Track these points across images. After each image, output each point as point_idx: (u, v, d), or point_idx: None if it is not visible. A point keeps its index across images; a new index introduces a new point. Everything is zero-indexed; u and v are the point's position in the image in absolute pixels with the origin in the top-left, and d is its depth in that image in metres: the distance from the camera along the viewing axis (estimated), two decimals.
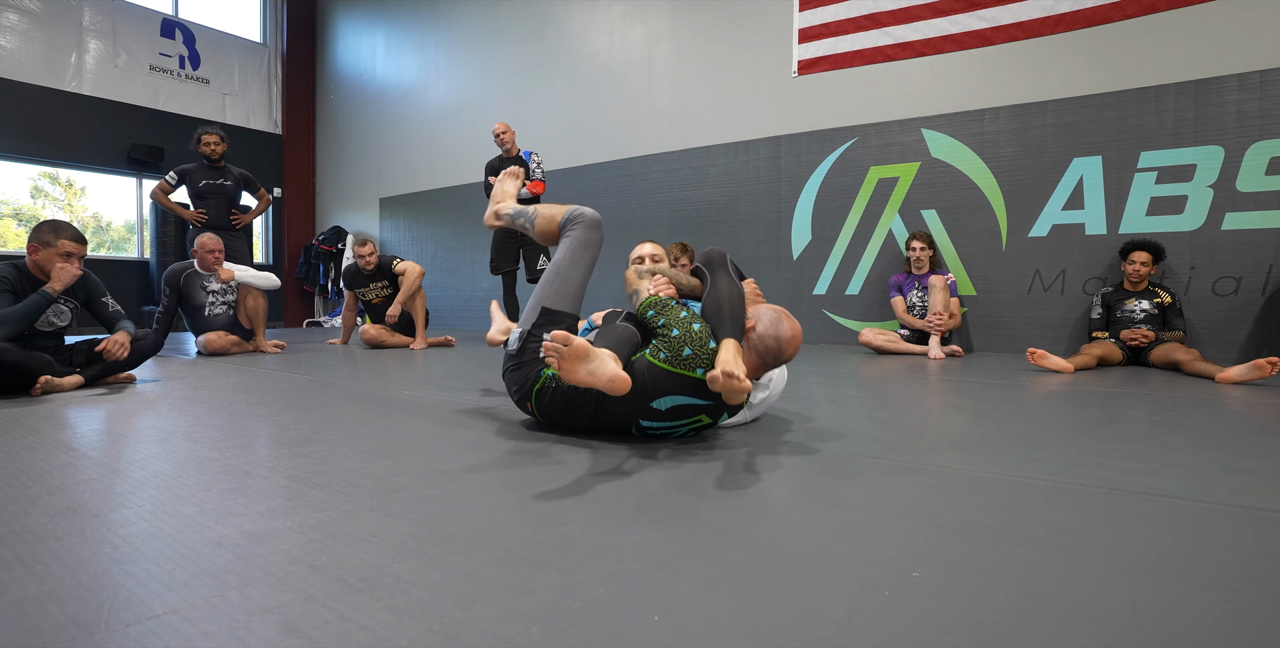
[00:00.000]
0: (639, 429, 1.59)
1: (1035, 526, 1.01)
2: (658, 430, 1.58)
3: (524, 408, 1.75)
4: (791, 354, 1.56)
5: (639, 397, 1.51)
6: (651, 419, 1.54)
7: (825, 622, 0.71)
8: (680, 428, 1.59)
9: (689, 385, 1.49)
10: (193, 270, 3.89)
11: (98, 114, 6.85)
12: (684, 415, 1.54)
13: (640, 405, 1.53)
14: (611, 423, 1.61)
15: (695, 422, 1.57)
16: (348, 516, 1.05)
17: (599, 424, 1.63)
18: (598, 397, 1.57)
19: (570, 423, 1.67)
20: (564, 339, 1.33)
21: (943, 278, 3.92)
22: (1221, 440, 1.62)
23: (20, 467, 1.35)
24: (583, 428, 1.67)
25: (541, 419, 1.72)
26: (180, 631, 0.68)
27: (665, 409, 1.52)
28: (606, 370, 1.36)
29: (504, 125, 4.60)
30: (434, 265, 7.26)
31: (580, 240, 1.80)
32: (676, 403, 1.51)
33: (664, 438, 1.63)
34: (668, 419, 1.54)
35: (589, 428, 1.66)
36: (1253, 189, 3.53)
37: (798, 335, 1.55)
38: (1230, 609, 0.74)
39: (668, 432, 1.60)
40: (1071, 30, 4.00)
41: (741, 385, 1.34)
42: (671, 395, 1.50)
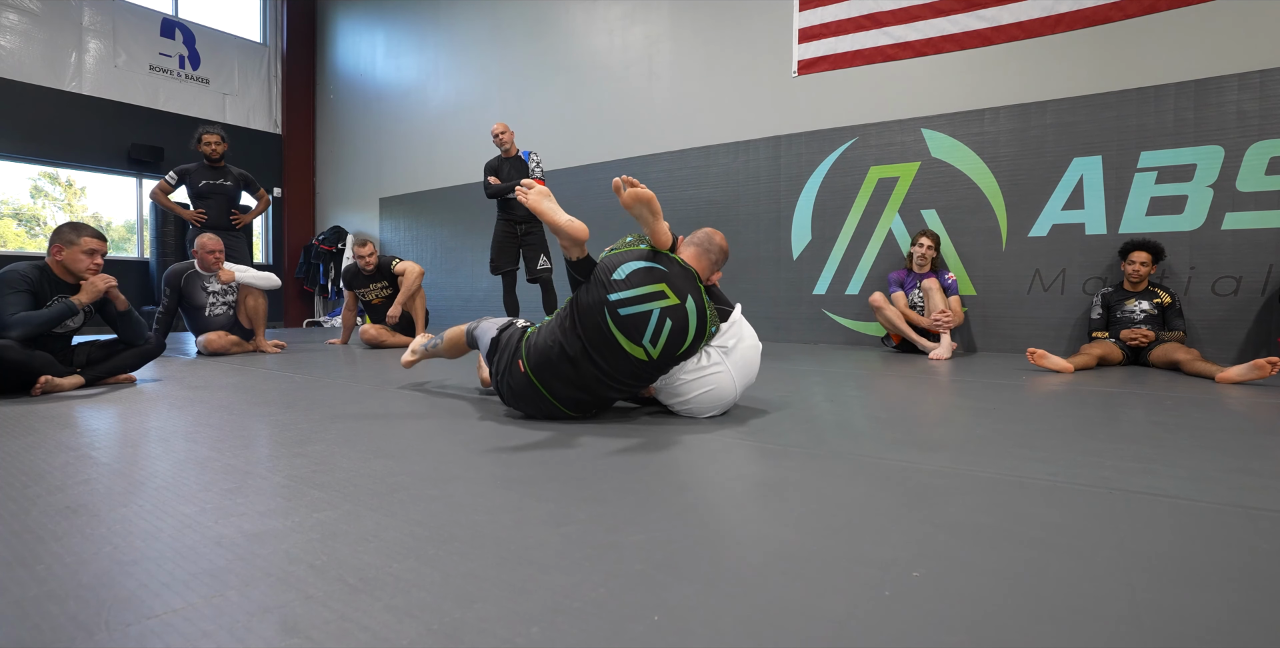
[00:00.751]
0: (614, 318, 1.71)
1: (1035, 526, 1.01)
2: (630, 308, 1.71)
3: (515, 370, 1.82)
4: (722, 242, 1.91)
5: (603, 276, 1.75)
6: (617, 291, 1.72)
7: (825, 622, 0.71)
8: (652, 307, 1.72)
9: (635, 254, 1.80)
10: (193, 271, 3.89)
11: (98, 114, 6.85)
12: (645, 281, 1.73)
13: (605, 284, 1.74)
14: (591, 328, 1.72)
15: (659, 294, 1.73)
16: (348, 516, 1.05)
17: (583, 337, 1.73)
18: (573, 311, 1.77)
19: (560, 358, 1.75)
20: (530, 184, 1.76)
21: (935, 280, 3.91)
22: (1221, 440, 1.62)
23: (20, 467, 1.35)
24: (573, 357, 1.74)
25: (534, 373, 1.78)
26: (180, 631, 0.68)
27: (624, 276, 1.74)
28: (566, 215, 1.73)
29: (503, 125, 4.60)
30: (434, 265, 7.26)
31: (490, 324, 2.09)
32: (631, 267, 1.75)
33: (641, 329, 1.71)
34: (630, 287, 1.72)
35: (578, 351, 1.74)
36: (1253, 189, 3.53)
37: (718, 231, 1.94)
38: (1230, 609, 0.74)
39: (641, 312, 1.71)
40: (1071, 30, 4.00)
41: (643, 190, 1.69)
42: (625, 263, 1.77)
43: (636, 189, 1.69)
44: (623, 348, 1.72)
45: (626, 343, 1.71)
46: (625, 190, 1.69)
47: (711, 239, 1.90)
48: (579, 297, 1.78)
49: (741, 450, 1.52)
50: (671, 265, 1.79)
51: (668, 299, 1.73)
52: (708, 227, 1.95)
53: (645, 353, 1.73)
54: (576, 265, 1.78)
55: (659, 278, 1.75)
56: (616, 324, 1.71)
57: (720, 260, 1.91)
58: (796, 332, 4.97)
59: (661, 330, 1.72)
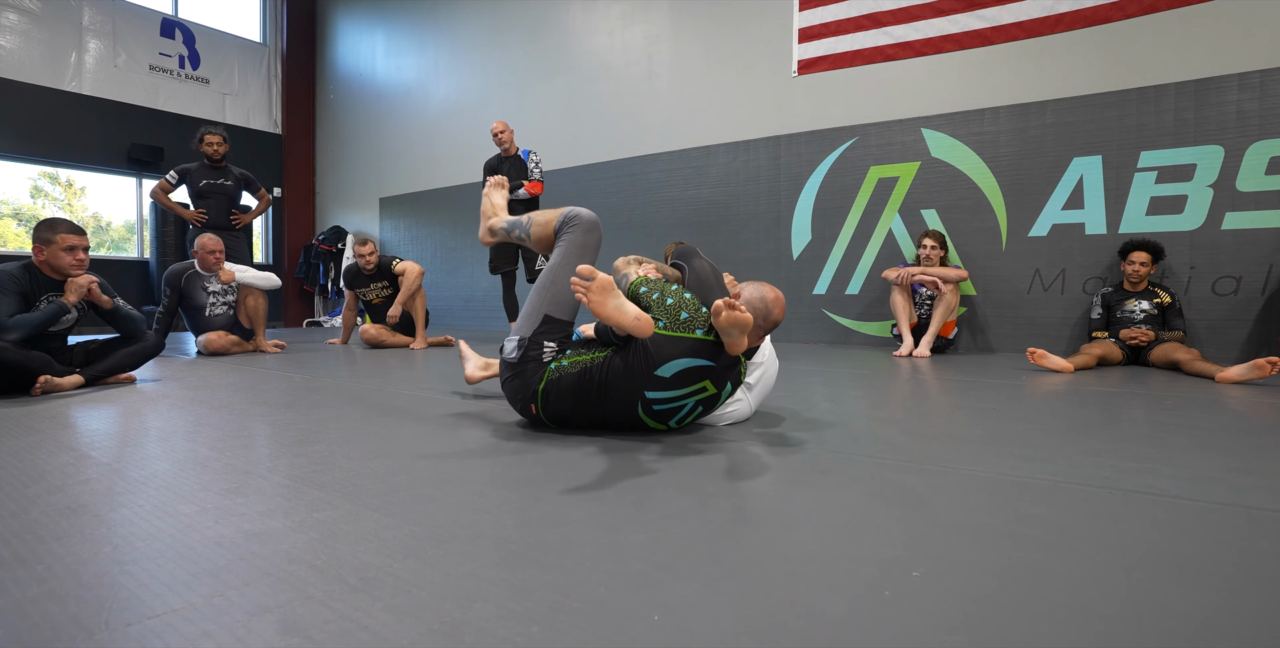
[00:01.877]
0: (645, 408, 1.59)
1: (1035, 526, 1.01)
2: (665, 405, 1.59)
3: (527, 412, 1.73)
4: (779, 314, 1.66)
5: (644, 366, 1.54)
6: (657, 389, 1.56)
7: (825, 622, 0.71)
8: (687, 401, 1.60)
9: (690, 346, 1.54)
10: (193, 271, 3.89)
11: (98, 114, 6.85)
12: (688, 382, 1.56)
13: (646, 376, 1.55)
14: (619, 406, 1.61)
15: (700, 390, 1.58)
16: (348, 516, 1.05)
17: (608, 412, 1.63)
18: (603, 377, 1.59)
19: (577, 414, 1.66)
20: (589, 273, 1.47)
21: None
22: (1221, 440, 1.62)
23: (20, 467, 1.35)
24: (590, 418, 1.66)
25: (547, 418, 1.70)
26: (180, 630, 0.68)
27: (670, 376, 1.54)
28: (632, 308, 1.48)
29: (502, 124, 4.60)
30: (434, 265, 7.26)
31: (576, 244, 1.78)
32: (680, 367, 1.54)
33: (670, 417, 1.63)
34: (673, 387, 1.56)
35: (598, 417, 1.65)
36: (1253, 189, 3.53)
37: (781, 297, 1.67)
38: (1230, 609, 0.74)
39: (675, 407, 1.60)
40: (1071, 30, 4.00)
41: (744, 315, 1.42)
42: (675, 360, 1.54)
43: (738, 315, 1.43)
44: (645, 425, 1.66)
45: (651, 423, 1.65)
46: (725, 314, 1.43)
47: (769, 315, 1.64)
48: (612, 369, 1.58)
49: (741, 451, 1.52)
50: (720, 358, 1.56)
51: (707, 392, 1.60)
52: (768, 286, 1.67)
53: (667, 428, 1.69)
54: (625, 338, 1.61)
55: (705, 375, 1.57)
56: (646, 412, 1.62)
57: (768, 330, 1.68)
58: (796, 332, 4.97)
59: (690, 415, 1.65)
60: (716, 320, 1.44)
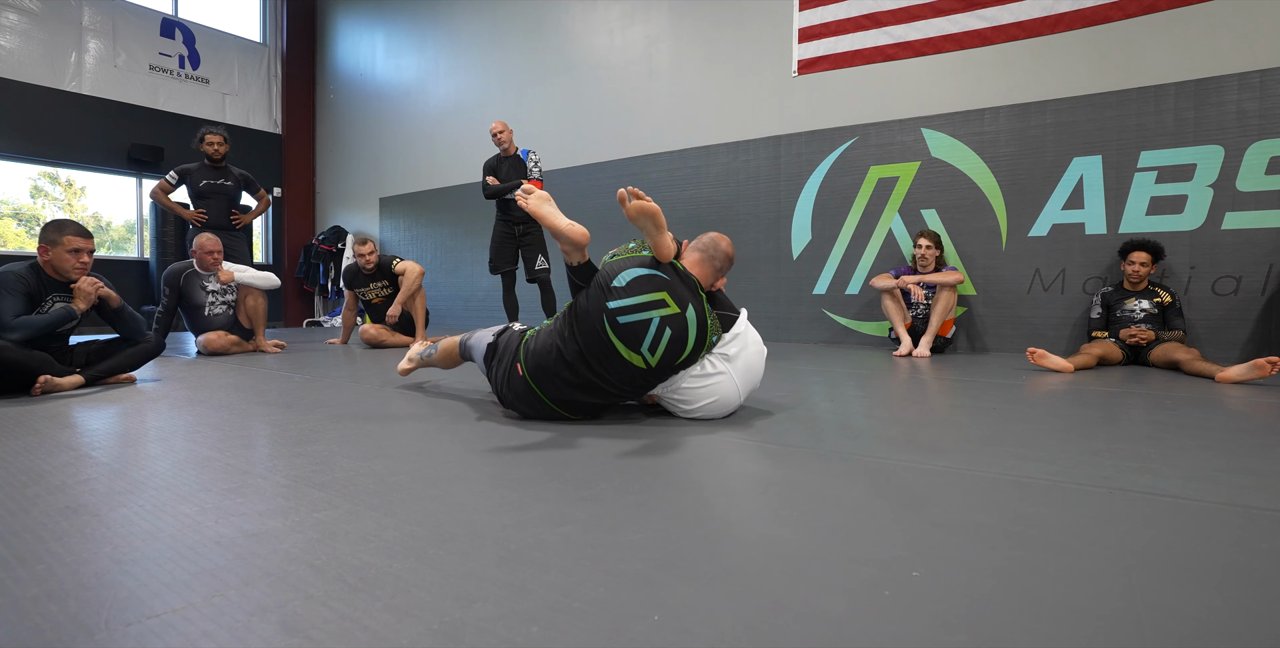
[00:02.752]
0: (612, 324, 1.70)
1: (1035, 526, 1.01)
2: (628, 316, 1.70)
3: (513, 375, 1.83)
4: (728, 247, 1.89)
5: (604, 282, 1.74)
6: (616, 299, 1.71)
7: (825, 622, 0.71)
8: (650, 315, 1.71)
9: (637, 261, 1.77)
10: (192, 270, 3.89)
11: (98, 114, 6.85)
12: (643, 289, 1.72)
13: (605, 288, 1.73)
14: (589, 332, 1.72)
15: (659, 302, 1.71)
16: (348, 515, 1.05)
17: (582, 343, 1.73)
18: (572, 317, 1.76)
19: (558, 360, 1.75)
20: (529, 189, 1.76)
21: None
22: (1221, 440, 1.62)
23: (20, 467, 1.35)
24: (570, 360, 1.74)
25: (530, 377, 1.78)
26: (180, 630, 0.68)
27: (625, 284, 1.72)
28: (566, 219, 1.73)
29: (502, 124, 4.59)
30: (434, 265, 7.26)
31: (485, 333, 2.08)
32: (631, 275, 1.74)
33: (640, 337, 1.70)
34: (630, 295, 1.71)
35: (575, 356, 1.74)
36: (1253, 189, 3.52)
37: (725, 237, 1.91)
38: (1230, 609, 0.74)
39: (640, 320, 1.70)
40: (1071, 30, 4.00)
41: (649, 203, 1.68)
42: (625, 270, 1.75)
43: (642, 202, 1.67)
44: (621, 355, 1.71)
45: (625, 350, 1.71)
46: (630, 202, 1.68)
47: (717, 245, 1.87)
48: (578, 302, 1.77)
49: (741, 450, 1.52)
50: (673, 273, 1.77)
51: (668, 308, 1.71)
52: (711, 231, 1.93)
53: (643, 361, 1.72)
54: (577, 270, 1.77)
55: (659, 286, 1.73)
56: (615, 331, 1.70)
57: (725, 267, 1.88)
58: (796, 332, 4.97)
59: (660, 339, 1.71)
60: (626, 210, 1.67)
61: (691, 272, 1.83)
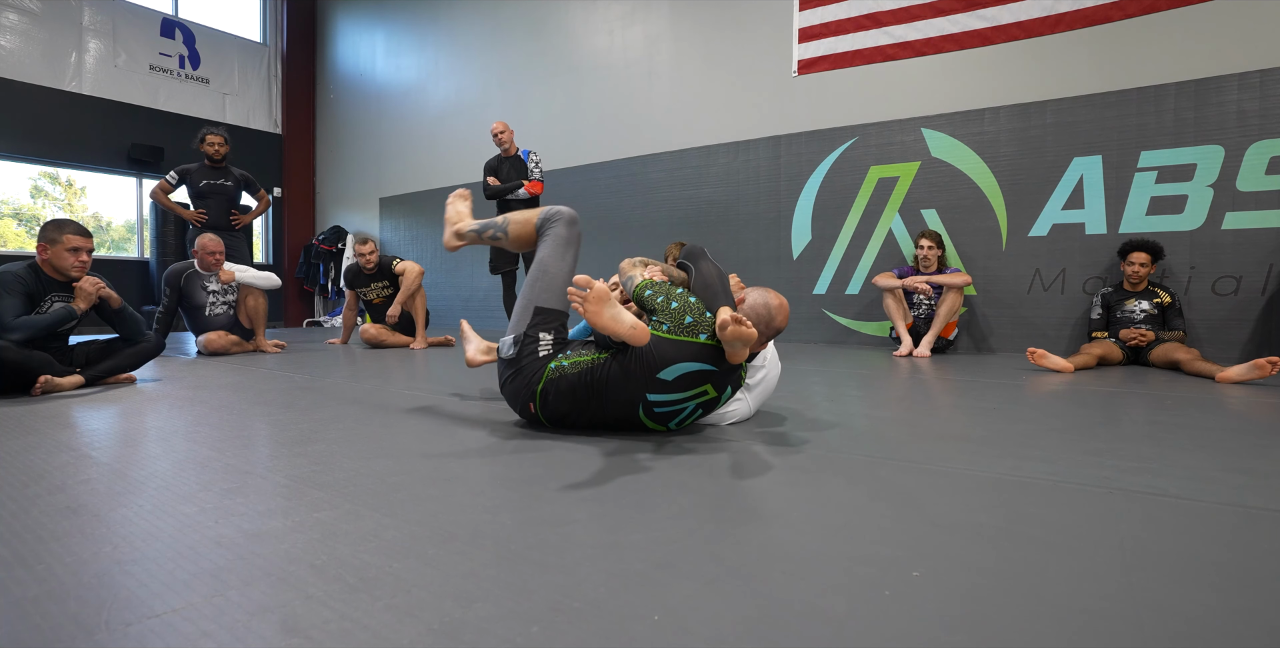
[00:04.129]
0: (646, 409, 1.59)
1: (1035, 526, 1.01)
2: (665, 407, 1.59)
3: (526, 412, 1.73)
4: (783, 322, 1.68)
5: (646, 370, 1.54)
6: (659, 392, 1.56)
7: (825, 622, 0.71)
8: (688, 404, 1.60)
9: (693, 351, 1.54)
10: (193, 271, 3.89)
11: (98, 114, 6.85)
12: (690, 386, 1.56)
13: (648, 379, 1.55)
14: (619, 408, 1.60)
15: (701, 394, 1.59)
16: (348, 515, 1.05)
17: (608, 413, 1.62)
18: (604, 379, 1.58)
19: (577, 415, 1.66)
20: (586, 283, 1.50)
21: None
22: (1221, 440, 1.62)
23: (20, 467, 1.35)
24: (590, 419, 1.66)
25: (545, 419, 1.70)
26: (180, 630, 0.68)
27: (672, 379, 1.54)
28: (629, 317, 1.49)
29: (502, 125, 4.60)
30: (434, 265, 7.26)
31: (562, 238, 1.79)
32: (682, 371, 1.54)
33: (670, 419, 1.63)
34: (674, 391, 1.56)
35: (597, 418, 1.65)
36: (1253, 189, 3.53)
37: (785, 305, 1.68)
38: (1230, 609, 0.74)
39: (676, 409, 1.60)
40: (1071, 30, 4.00)
41: (749, 330, 1.43)
42: (677, 364, 1.54)
43: (743, 330, 1.43)
44: (645, 426, 1.66)
45: (651, 425, 1.66)
46: (731, 328, 1.43)
47: (772, 320, 1.66)
48: (611, 372, 1.57)
49: (742, 451, 1.52)
50: (722, 363, 1.56)
51: (708, 396, 1.61)
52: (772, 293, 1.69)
53: (666, 430, 1.69)
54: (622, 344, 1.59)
55: (707, 379, 1.57)
56: (646, 414, 1.61)
57: (770, 337, 1.69)
58: (796, 332, 4.97)
59: (690, 417, 1.66)
60: (722, 334, 1.45)
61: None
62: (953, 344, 4.12)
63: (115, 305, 2.61)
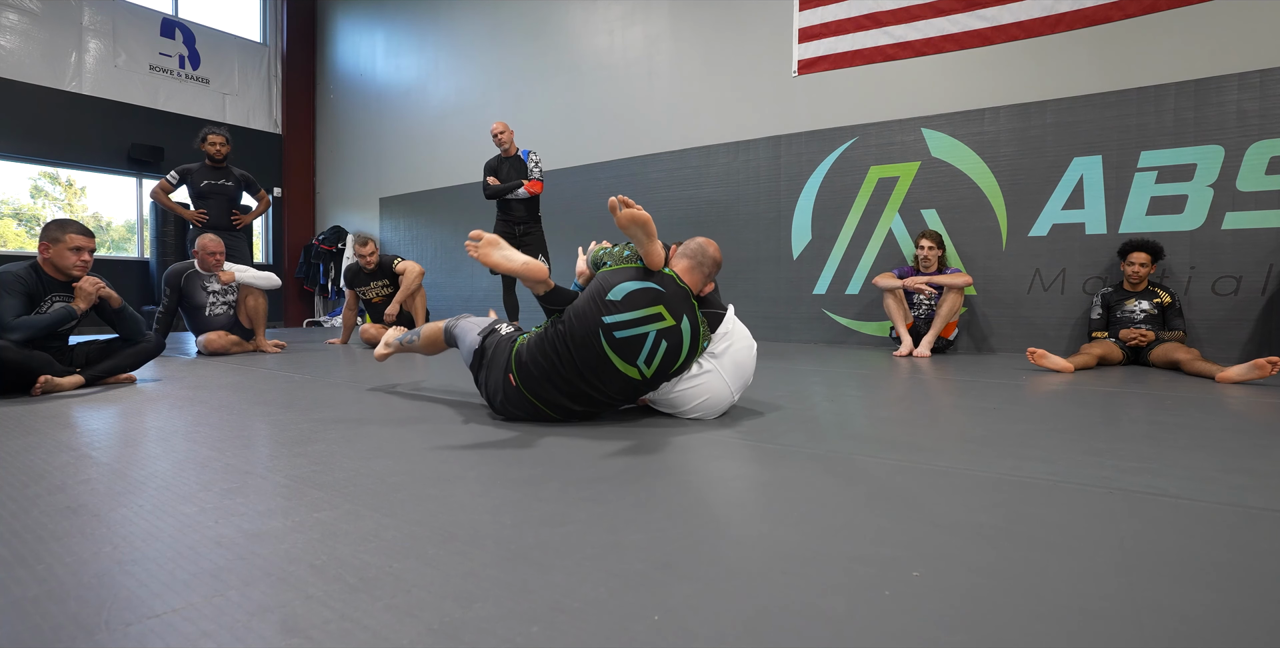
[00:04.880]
0: (609, 338, 1.68)
1: (1035, 526, 1.01)
2: (625, 331, 1.68)
3: (507, 384, 1.80)
4: (716, 252, 1.87)
5: (598, 294, 1.71)
6: (612, 313, 1.68)
7: (825, 622, 0.71)
8: (646, 329, 1.69)
9: (630, 273, 1.75)
10: (193, 271, 3.89)
11: (98, 114, 6.84)
12: (640, 304, 1.70)
13: (600, 302, 1.70)
14: (584, 346, 1.69)
15: (656, 316, 1.70)
16: (348, 515, 1.05)
17: (576, 357, 1.70)
18: (567, 325, 1.72)
19: (552, 371, 1.73)
20: (478, 235, 1.72)
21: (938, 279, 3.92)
22: (1221, 440, 1.62)
23: (20, 467, 1.35)
24: (565, 372, 1.72)
25: (525, 387, 1.76)
26: (180, 630, 0.68)
27: (620, 298, 1.70)
28: (520, 256, 1.71)
29: (502, 125, 4.60)
30: (434, 265, 7.26)
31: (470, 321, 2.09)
32: (628, 289, 1.71)
33: (636, 352, 1.69)
34: (626, 309, 1.69)
35: (570, 369, 1.72)
36: (1253, 189, 3.52)
37: (712, 241, 1.89)
38: (1230, 609, 0.74)
39: (636, 334, 1.68)
40: (1071, 30, 4.00)
41: (639, 212, 1.66)
42: (620, 283, 1.72)
43: (632, 211, 1.66)
44: (616, 368, 1.71)
45: (620, 364, 1.70)
46: (620, 210, 1.66)
47: (705, 251, 1.85)
48: (570, 314, 1.74)
49: (742, 450, 1.52)
50: (668, 285, 1.75)
51: (663, 321, 1.71)
52: (701, 236, 1.91)
53: (639, 373, 1.72)
54: (546, 298, 1.77)
55: (655, 299, 1.71)
56: (611, 346, 1.69)
57: (713, 272, 1.87)
58: (796, 332, 4.97)
59: (656, 352, 1.71)
60: (617, 218, 1.65)
61: (682, 279, 1.82)
62: (953, 344, 4.11)
63: (115, 305, 2.61)
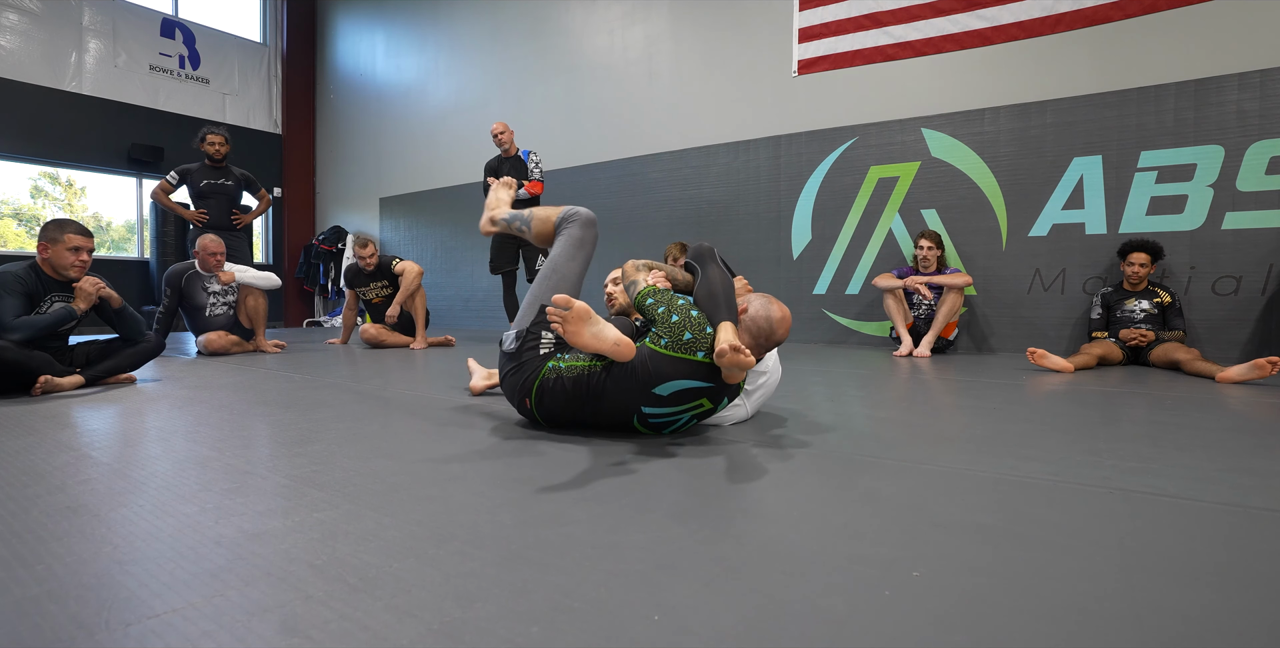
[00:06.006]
0: (641, 420, 1.59)
1: (1035, 526, 1.01)
2: (660, 418, 1.59)
3: (523, 407, 1.73)
4: (783, 334, 1.63)
5: (641, 384, 1.53)
6: (654, 406, 1.55)
7: (825, 622, 0.71)
8: (683, 415, 1.59)
9: (690, 369, 1.51)
10: (194, 271, 3.89)
11: (98, 114, 6.84)
12: (685, 400, 1.55)
13: (643, 393, 1.53)
14: (613, 415, 1.60)
15: (697, 407, 1.58)
16: (348, 515, 1.05)
17: (601, 418, 1.63)
18: (599, 387, 1.57)
19: (570, 418, 1.66)
20: (565, 302, 1.43)
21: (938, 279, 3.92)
22: (1221, 440, 1.62)
23: (20, 467, 1.35)
24: (584, 423, 1.67)
25: (540, 418, 1.70)
26: (180, 630, 0.68)
27: (668, 395, 1.53)
28: (611, 333, 1.46)
29: (502, 125, 4.60)
30: (434, 265, 7.26)
31: (576, 238, 1.80)
32: (678, 387, 1.52)
33: (664, 428, 1.63)
34: (670, 405, 1.55)
35: (590, 423, 1.66)
36: (1253, 189, 3.52)
37: (787, 316, 1.63)
38: (1230, 609, 0.74)
39: (670, 420, 1.60)
40: (1071, 30, 4.00)
41: (747, 359, 1.40)
42: (673, 381, 1.51)
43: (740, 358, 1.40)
44: (638, 432, 1.67)
45: (645, 432, 1.66)
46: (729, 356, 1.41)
47: (773, 333, 1.60)
48: (609, 377, 1.56)
49: (742, 451, 1.52)
50: (718, 380, 1.54)
51: (703, 409, 1.60)
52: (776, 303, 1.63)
53: (661, 435, 1.69)
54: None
55: (702, 395, 1.55)
56: (641, 423, 1.62)
57: (769, 349, 1.65)
58: (797, 332, 4.96)
59: (685, 426, 1.66)
60: (719, 361, 1.43)
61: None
62: (953, 344, 4.12)
63: (115, 305, 2.61)
